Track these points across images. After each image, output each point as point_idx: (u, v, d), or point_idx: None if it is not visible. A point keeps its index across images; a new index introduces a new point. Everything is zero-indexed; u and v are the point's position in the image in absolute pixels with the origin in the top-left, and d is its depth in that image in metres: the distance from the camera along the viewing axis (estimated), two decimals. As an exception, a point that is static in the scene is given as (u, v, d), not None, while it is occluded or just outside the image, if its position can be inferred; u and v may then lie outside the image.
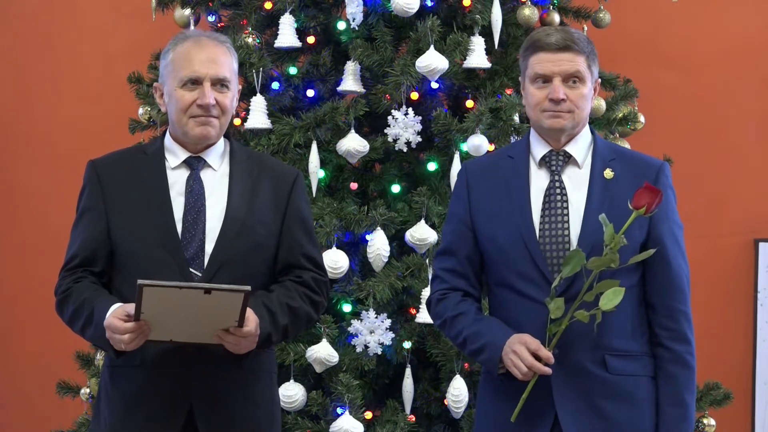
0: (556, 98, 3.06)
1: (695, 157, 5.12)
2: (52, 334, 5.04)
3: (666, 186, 3.12)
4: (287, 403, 3.95)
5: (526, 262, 3.07)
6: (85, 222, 3.11)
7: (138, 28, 4.93)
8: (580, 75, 3.08)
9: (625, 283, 3.03)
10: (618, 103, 4.48)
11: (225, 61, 3.10)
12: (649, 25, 5.22)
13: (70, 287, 3.07)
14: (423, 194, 4.04)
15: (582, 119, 3.12)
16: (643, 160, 3.20)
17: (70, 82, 5.31)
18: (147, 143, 3.37)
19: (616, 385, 3.07)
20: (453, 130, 4.05)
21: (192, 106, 3.06)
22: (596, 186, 3.10)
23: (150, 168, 3.12)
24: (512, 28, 4.28)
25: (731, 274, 5.20)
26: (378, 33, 4.17)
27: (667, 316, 3.10)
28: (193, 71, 3.05)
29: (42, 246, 5.29)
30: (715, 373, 4.57)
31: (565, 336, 3.02)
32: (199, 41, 3.11)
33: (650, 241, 3.08)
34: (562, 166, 3.13)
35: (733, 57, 5.22)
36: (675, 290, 3.10)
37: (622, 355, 3.08)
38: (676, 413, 3.08)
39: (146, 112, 4.39)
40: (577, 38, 3.10)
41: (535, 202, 3.12)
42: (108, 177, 3.12)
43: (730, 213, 5.23)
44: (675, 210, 3.15)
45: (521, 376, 3.03)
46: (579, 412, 3.06)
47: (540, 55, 3.09)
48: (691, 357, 3.11)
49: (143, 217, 3.05)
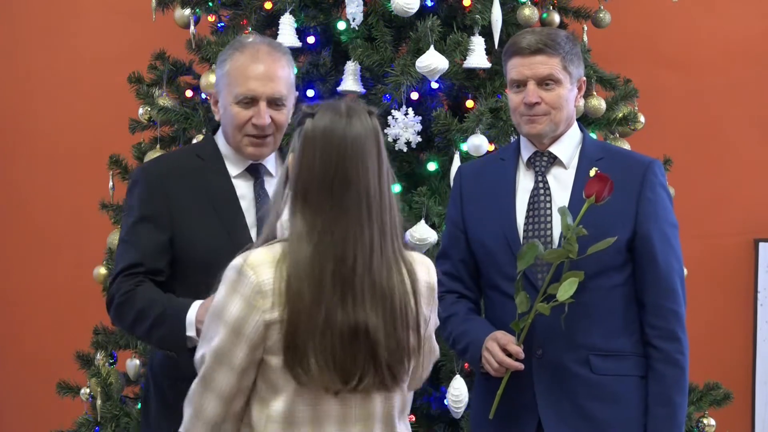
0: (529, 102, 3.07)
1: (695, 157, 5.12)
2: (52, 334, 5.20)
3: (654, 184, 3.11)
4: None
5: (511, 264, 3.07)
6: (147, 229, 3.04)
7: (138, 28, 4.92)
8: (553, 77, 3.08)
9: (612, 282, 3.05)
10: (618, 103, 4.45)
11: (282, 76, 3.06)
12: (649, 25, 5.22)
13: (131, 289, 3.00)
14: (423, 194, 4.02)
15: (562, 120, 3.12)
16: (632, 158, 3.20)
17: (70, 82, 5.31)
18: (196, 146, 3.36)
19: (601, 386, 3.07)
20: (453, 130, 4.04)
21: (247, 124, 3.04)
22: (580, 186, 3.09)
23: (214, 176, 3.09)
24: (512, 28, 4.24)
25: (731, 274, 5.20)
26: (378, 33, 4.16)
27: (656, 315, 3.08)
28: (248, 90, 3.03)
29: (42, 246, 5.32)
30: (715, 373, 4.57)
31: (548, 336, 3.03)
32: (257, 54, 3.07)
33: (637, 239, 3.07)
34: (546, 167, 3.14)
35: (733, 57, 5.23)
36: (664, 289, 3.09)
37: (608, 355, 3.07)
38: (663, 413, 3.07)
39: (146, 112, 4.36)
40: (552, 40, 3.09)
41: (520, 204, 3.13)
42: (172, 185, 3.07)
43: (730, 213, 5.23)
44: (667, 208, 3.14)
45: (494, 372, 3.04)
46: (562, 413, 3.07)
47: (514, 60, 3.12)
48: (682, 356, 3.09)
49: (215, 227, 3.02)
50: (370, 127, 2.47)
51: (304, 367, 2.39)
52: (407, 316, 2.45)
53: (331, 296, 2.38)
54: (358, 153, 2.42)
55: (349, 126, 2.44)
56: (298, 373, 2.40)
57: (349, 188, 2.41)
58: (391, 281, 2.43)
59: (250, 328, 2.40)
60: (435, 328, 2.63)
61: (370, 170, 2.43)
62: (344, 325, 2.39)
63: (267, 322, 2.40)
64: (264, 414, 2.46)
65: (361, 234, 2.41)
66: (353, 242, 2.40)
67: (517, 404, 3.10)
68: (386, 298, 2.42)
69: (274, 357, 2.42)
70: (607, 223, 3.04)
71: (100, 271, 4.39)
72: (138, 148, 4.39)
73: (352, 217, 2.41)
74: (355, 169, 2.41)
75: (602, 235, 3.02)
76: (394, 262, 2.45)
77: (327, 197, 2.40)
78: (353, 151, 2.42)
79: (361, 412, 2.47)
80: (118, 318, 3.06)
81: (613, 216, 3.06)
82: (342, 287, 2.39)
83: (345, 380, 2.41)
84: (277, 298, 2.39)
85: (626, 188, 3.08)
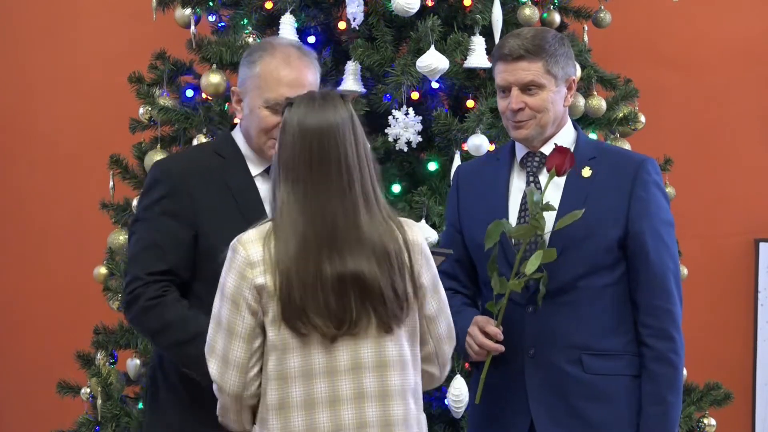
0: (512, 109, 3.09)
1: (696, 157, 5.13)
2: (52, 334, 5.19)
3: (647, 182, 3.10)
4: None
5: (502, 263, 3.08)
6: (169, 227, 3.04)
7: (138, 28, 4.90)
8: (535, 83, 3.09)
9: (603, 281, 3.06)
10: (618, 103, 4.44)
11: (311, 83, 3.10)
12: (649, 25, 5.22)
13: (160, 296, 3.00)
14: (423, 194, 4.02)
15: (549, 122, 3.12)
16: (625, 156, 3.20)
17: (70, 82, 5.30)
18: (214, 143, 3.37)
19: (594, 385, 3.06)
20: (453, 130, 4.03)
21: (275, 129, 3.03)
22: (572, 185, 3.10)
23: (236, 174, 3.11)
24: (513, 27, 4.13)
25: (731, 275, 5.21)
26: (378, 33, 4.15)
27: (649, 314, 3.07)
28: (279, 95, 3.03)
29: (42, 246, 5.32)
30: (716, 373, 4.57)
31: (540, 336, 3.05)
32: (289, 59, 3.10)
33: (629, 238, 3.07)
34: (538, 167, 3.14)
35: (734, 57, 5.23)
36: (657, 288, 3.07)
37: (601, 355, 3.07)
38: (656, 412, 3.06)
39: (147, 111, 4.34)
40: (534, 44, 3.08)
41: (513, 204, 3.14)
42: (194, 183, 3.07)
43: (731, 213, 5.23)
44: (661, 206, 3.12)
45: (475, 356, 3.06)
46: (554, 412, 3.06)
47: (499, 66, 3.13)
48: (675, 355, 3.08)
49: (240, 226, 2.91)
50: (344, 111, 2.68)
51: (303, 320, 2.60)
52: (402, 265, 2.65)
53: (318, 253, 2.59)
54: (332, 134, 2.64)
55: (322, 112, 2.66)
56: (298, 326, 2.61)
57: (329, 163, 2.63)
58: (380, 234, 2.64)
59: (244, 295, 2.63)
60: (438, 311, 2.76)
61: (348, 147, 2.65)
62: (334, 276, 2.60)
63: (257, 286, 2.62)
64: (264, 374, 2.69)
65: (343, 199, 2.62)
66: (335, 206, 2.62)
67: (509, 404, 3.11)
68: (376, 247, 2.62)
69: (271, 328, 2.64)
70: (598, 222, 3.05)
71: (101, 270, 4.36)
72: (138, 148, 4.37)
73: (333, 185, 2.63)
74: (333, 146, 2.64)
75: (593, 234, 3.04)
76: (383, 219, 2.66)
77: (307, 171, 2.63)
78: (328, 133, 2.64)
79: (351, 362, 2.65)
80: (140, 322, 3.06)
81: (605, 214, 3.06)
82: (328, 244, 2.60)
83: (339, 326, 2.61)
84: (267, 266, 2.62)
85: (618, 187, 3.09)
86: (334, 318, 2.60)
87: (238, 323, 2.64)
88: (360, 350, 2.65)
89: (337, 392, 2.64)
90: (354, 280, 2.61)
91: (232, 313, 2.64)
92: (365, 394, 2.65)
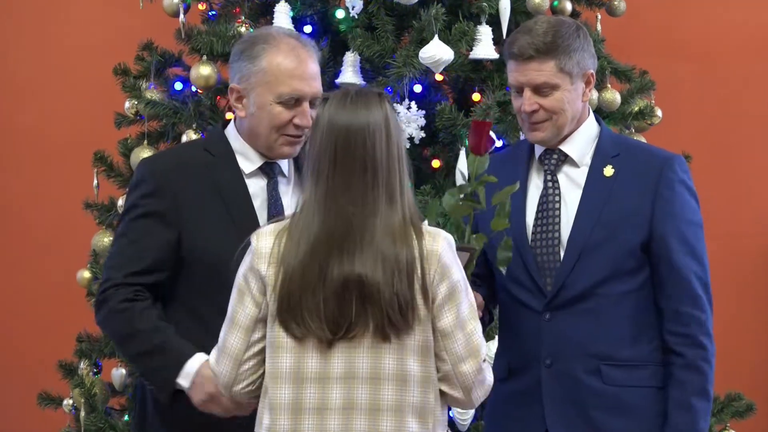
0: (526, 111, 3.06)
1: (714, 153, 5.12)
2: (32, 341, 5.22)
3: (673, 181, 3.05)
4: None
5: (518, 267, 3.06)
6: (150, 227, 3.02)
7: (124, 17, 4.92)
8: (548, 84, 3.04)
9: (625, 287, 3.02)
10: (634, 96, 4.41)
11: (318, 73, 3.11)
12: (666, 14, 5.22)
13: (131, 300, 2.98)
14: (427, 192, 3.98)
15: (567, 122, 3.08)
16: (650, 153, 3.15)
17: (52, 74, 5.32)
18: (203, 141, 3.41)
19: (613, 397, 3.02)
20: (459, 125, 4.00)
21: (288, 125, 3.04)
22: (592, 185, 3.07)
23: (225, 174, 3.08)
24: (521, 16, 4.19)
25: (752, 277, 5.22)
26: (379, 22, 4.11)
27: (675, 321, 3.02)
28: (295, 90, 3.03)
29: (23, 248, 5.35)
30: (737, 383, 4.53)
31: (557, 345, 3.02)
32: (296, 51, 3.07)
33: (653, 241, 3.02)
34: (557, 165, 3.12)
35: (754, 47, 5.24)
36: (682, 293, 3.02)
37: (621, 365, 3.03)
38: (682, 419, 3.00)
39: (133, 105, 4.32)
40: (545, 42, 3.03)
41: (531, 204, 3.11)
42: (180, 182, 3.04)
43: (751, 212, 5.25)
44: (688, 206, 3.07)
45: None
46: (572, 425, 3.03)
47: (510, 64, 3.11)
48: (705, 363, 3.02)
49: (225, 226, 3.01)
50: (378, 110, 2.70)
51: (297, 321, 2.63)
52: (412, 273, 2.64)
53: (327, 255, 2.62)
54: (360, 133, 2.67)
55: (354, 110, 2.69)
56: (292, 326, 2.64)
57: (353, 161, 2.65)
58: (394, 239, 2.64)
59: (250, 285, 2.69)
60: (454, 326, 2.69)
61: (376, 147, 2.67)
62: (339, 278, 2.62)
63: (262, 276, 2.67)
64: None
65: (363, 200, 2.64)
66: (353, 206, 2.64)
67: (525, 415, 3.08)
68: (386, 252, 2.63)
69: (267, 323, 2.68)
70: (620, 224, 3.01)
71: (84, 274, 4.36)
72: (124, 144, 4.35)
73: (354, 184, 2.65)
74: (359, 145, 2.66)
75: (614, 238, 3.00)
76: (403, 224, 2.66)
77: (331, 168, 2.66)
78: (356, 131, 2.67)
79: (345, 371, 2.64)
80: (107, 325, 3.06)
81: (627, 216, 3.02)
82: (338, 245, 2.63)
83: (335, 330, 2.62)
84: (273, 259, 2.66)
85: (642, 187, 3.04)
86: (330, 322, 2.63)
87: (240, 312, 2.70)
88: (355, 359, 2.65)
89: (326, 401, 2.65)
90: (356, 283, 2.63)
91: (237, 301, 2.72)
92: (355, 405, 2.64)
